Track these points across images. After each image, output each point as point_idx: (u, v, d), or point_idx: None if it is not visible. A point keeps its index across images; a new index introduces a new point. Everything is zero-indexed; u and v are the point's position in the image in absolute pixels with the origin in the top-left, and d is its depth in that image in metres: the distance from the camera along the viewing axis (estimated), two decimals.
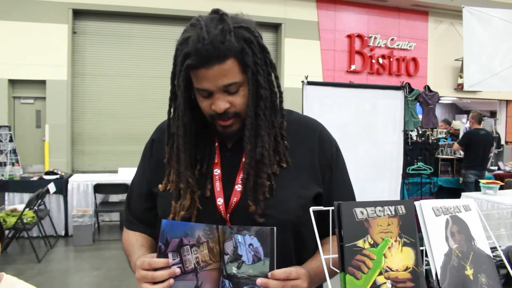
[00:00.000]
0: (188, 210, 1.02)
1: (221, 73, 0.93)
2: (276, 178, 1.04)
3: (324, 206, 0.90)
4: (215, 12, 0.98)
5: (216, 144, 1.09)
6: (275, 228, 0.89)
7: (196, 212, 1.02)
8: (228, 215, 1.02)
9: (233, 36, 0.93)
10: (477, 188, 5.72)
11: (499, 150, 9.21)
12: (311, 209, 0.87)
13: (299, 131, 1.12)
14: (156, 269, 0.91)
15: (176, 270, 0.90)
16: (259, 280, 0.87)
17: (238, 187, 1.03)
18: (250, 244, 0.90)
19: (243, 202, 1.02)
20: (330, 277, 0.87)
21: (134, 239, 1.15)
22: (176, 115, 1.01)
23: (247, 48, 0.95)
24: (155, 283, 0.90)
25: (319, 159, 1.11)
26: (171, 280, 0.90)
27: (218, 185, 1.05)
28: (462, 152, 6.80)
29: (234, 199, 1.03)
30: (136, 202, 1.20)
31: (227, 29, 0.93)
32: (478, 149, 6.43)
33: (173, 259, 0.91)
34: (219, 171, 1.06)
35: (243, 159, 1.04)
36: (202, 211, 1.03)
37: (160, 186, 1.09)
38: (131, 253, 1.11)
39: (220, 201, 1.03)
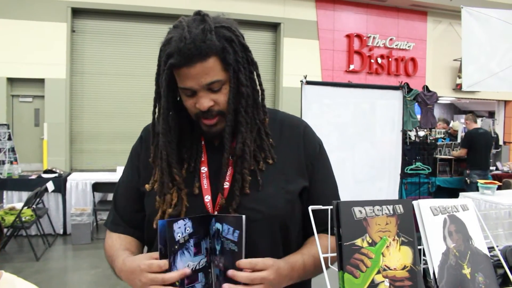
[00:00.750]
0: (175, 207, 1.02)
1: (203, 71, 0.95)
2: (263, 174, 1.06)
3: (308, 203, 0.91)
4: (197, 13, 1.01)
5: (203, 142, 1.10)
6: (244, 216, 0.91)
7: (185, 210, 1.03)
8: (216, 212, 1.03)
9: (214, 35, 0.96)
10: None
11: (497, 150, 9.23)
12: (310, 208, 0.88)
13: (284, 129, 1.15)
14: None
15: (187, 270, 0.91)
16: (230, 272, 0.89)
17: (226, 184, 1.04)
18: (232, 233, 0.92)
19: (230, 198, 1.03)
20: (317, 274, 0.88)
21: (118, 244, 1.13)
22: (160, 114, 1.03)
23: (228, 47, 0.98)
24: (165, 285, 0.89)
25: (304, 155, 1.13)
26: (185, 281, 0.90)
27: (205, 183, 1.06)
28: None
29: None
30: (124, 203, 1.19)
31: (208, 29, 0.95)
32: (480, 148, 6.45)
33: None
34: (206, 169, 1.07)
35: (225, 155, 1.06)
36: (190, 209, 1.03)
37: (147, 186, 1.10)
38: (114, 258, 1.08)
39: (207, 198, 1.04)
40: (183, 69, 0.96)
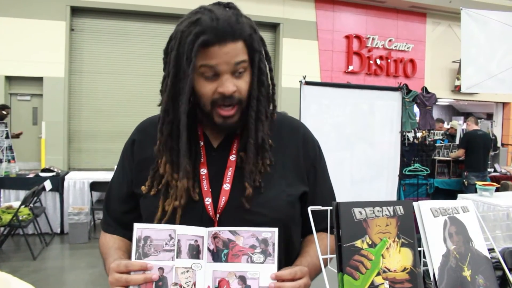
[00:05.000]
0: (173, 208, 0.99)
1: (233, 51, 0.94)
2: (263, 176, 1.03)
3: (308, 205, 0.90)
4: (217, 3, 1.00)
5: (202, 143, 1.07)
6: (276, 229, 0.89)
7: (182, 212, 0.99)
8: (218, 215, 1.00)
9: (244, 21, 0.97)
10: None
11: (495, 152, 9.24)
12: (310, 208, 0.87)
13: (283, 131, 1.13)
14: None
15: (154, 276, 0.86)
16: (272, 284, 0.86)
17: (226, 186, 1.02)
18: (258, 245, 0.89)
19: (232, 201, 1.00)
20: (319, 273, 0.88)
21: (112, 242, 1.11)
22: (185, 93, 0.96)
23: (253, 34, 0.98)
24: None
25: (304, 160, 1.11)
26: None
27: (205, 185, 1.02)
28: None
29: (223, 198, 1.01)
30: (115, 204, 1.17)
31: (239, 14, 0.97)
32: (478, 150, 6.46)
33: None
34: (205, 171, 1.04)
35: (230, 157, 1.04)
36: (189, 212, 1.00)
37: (143, 187, 1.06)
38: (107, 256, 1.06)
39: (208, 200, 1.01)
40: (213, 47, 0.93)
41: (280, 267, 0.91)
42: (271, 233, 0.89)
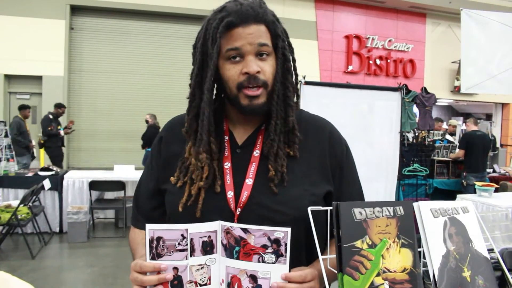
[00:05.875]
0: (195, 199, 1.01)
1: (257, 32, 0.98)
2: (287, 172, 1.03)
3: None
4: None
5: (227, 138, 1.08)
6: (289, 229, 0.88)
7: (203, 207, 1.00)
8: (239, 209, 1.00)
9: (267, 8, 1.02)
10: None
11: (494, 153, 9.25)
12: (309, 209, 0.87)
13: (309, 130, 1.12)
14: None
15: (168, 276, 0.87)
16: (275, 284, 0.86)
17: (249, 181, 1.02)
18: (271, 244, 0.89)
19: (254, 196, 1.00)
20: (332, 282, 0.87)
21: (140, 238, 1.14)
22: (209, 70, 1.00)
23: (276, 22, 1.03)
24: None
25: (329, 158, 1.10)
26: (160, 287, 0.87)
27: (228, 179, 1.03)
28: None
29: (245, 192, 1.01)
30: (144, 200, 1.19)
31: (263, 2, 1.03)
32: (477, 151, 6.46)
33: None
34: (229, 165, 1.05)
35: (254, 152, 1.04)
36: (211, 204, 1.01)
37: (172, 178, 1.07)
38: (135, 252, 1.11)
39: (230, 194, 1.01)
40: (237, 29, 0.97)
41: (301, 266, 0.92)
42: (284, 233, 0.88)
